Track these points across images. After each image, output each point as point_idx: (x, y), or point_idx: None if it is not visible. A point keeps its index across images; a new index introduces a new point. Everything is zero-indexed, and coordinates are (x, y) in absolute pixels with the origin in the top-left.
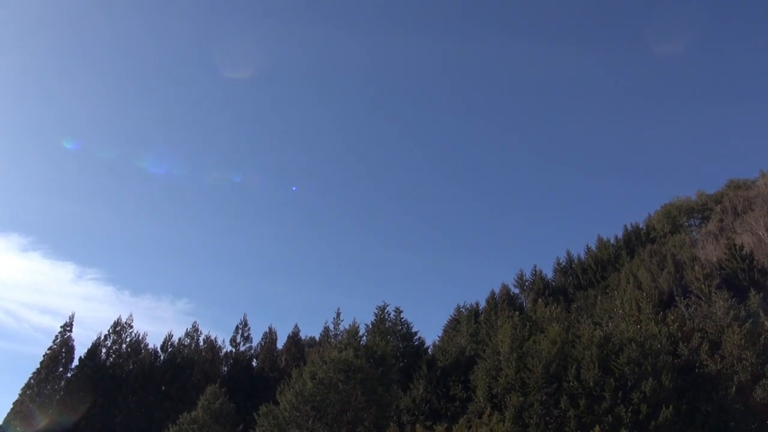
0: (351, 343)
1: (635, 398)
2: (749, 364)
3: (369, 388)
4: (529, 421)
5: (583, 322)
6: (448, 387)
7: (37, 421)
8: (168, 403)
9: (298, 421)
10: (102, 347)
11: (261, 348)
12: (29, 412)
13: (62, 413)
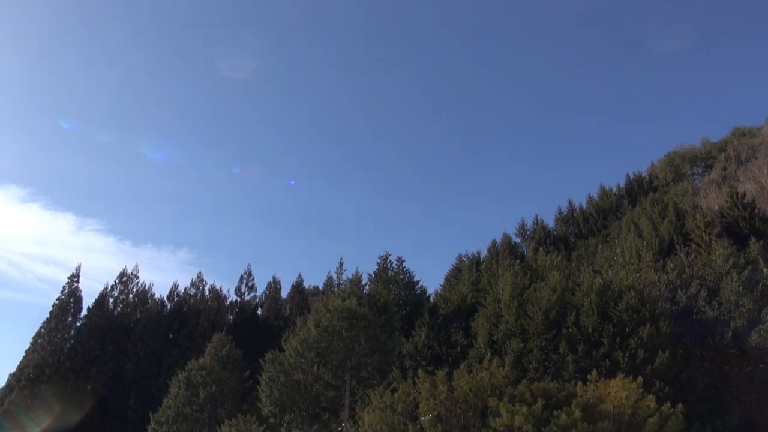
0: (354, 291)
1: (632, 344)
2: (746, 310)
3: (372, 335)
4: (528, 366)
5: (583, 270)
6: (449, 334)
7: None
8: (176, 351)
9: (303, 366)
10: (109, 297)
11: (265, 297)
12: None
13: (73, 360)
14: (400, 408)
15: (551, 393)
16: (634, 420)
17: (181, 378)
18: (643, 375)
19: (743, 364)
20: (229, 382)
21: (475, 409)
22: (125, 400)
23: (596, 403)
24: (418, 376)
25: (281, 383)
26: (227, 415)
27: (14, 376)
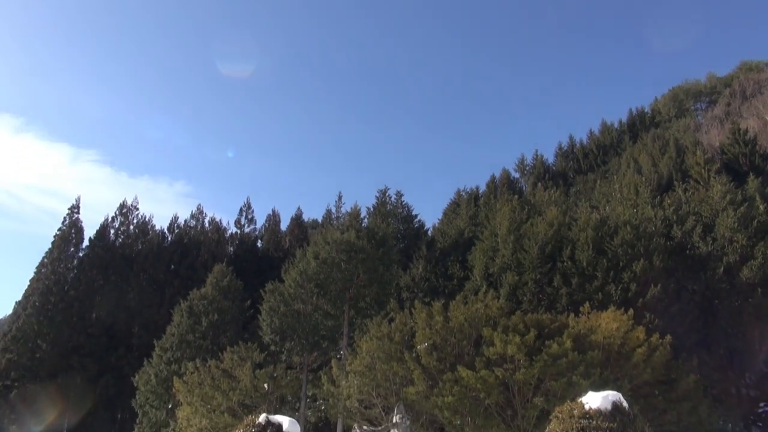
0: (353, 224)
1: (626, 277)
2: (739, 246)
3: (370, 268)
4: (522, 298)
5: (580, 205)
6: (446, 267)
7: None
8: (178, 281)
9: (302, 297)
10: (110, 229)
11: (265, 230)
12: (46, 289)
13: (77, 290)
14: (396, 337)
15: (544, 324)
16: (623, 350)
17: (184, 307)
18: (635, 308)
19: (733, 299)
20: (231, 311)
21: (470, 338)
22: (130, 328)
23: (587, 334)
24: (415, 307)
25: (281, 313)
26: (229, 342)
27: (20, 304)
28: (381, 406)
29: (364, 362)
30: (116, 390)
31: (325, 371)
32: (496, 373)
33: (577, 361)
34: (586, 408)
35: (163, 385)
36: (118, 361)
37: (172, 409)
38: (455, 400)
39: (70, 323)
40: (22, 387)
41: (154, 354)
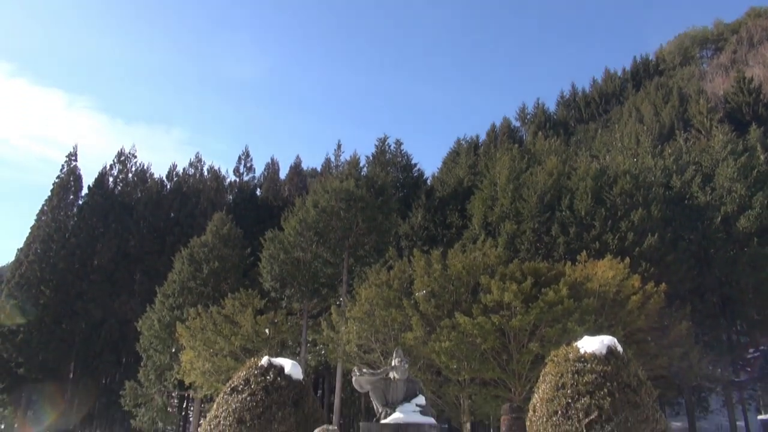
0: (352, 173)
1: (623, 227)
2: (738, 196)
3: (369, 216)
4: (520, 247)
5: (581, 155)
6: (445, 215)
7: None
8: (178, 229)
9: (302, 245)
10: (109, 177)
11: (264, 178)
12: (47, 236)
13: (78, 237)
14: (395, 284)
15: (541, 272)
16: (618, 298)
17: (185, 254)
18: (631, 257)
19: (728, 248)
20: (231, 259)
21: (467, 286)
22: (131, 275)
23: (583, 282)
24: (414, 255)
25: (281, 260)
26: (230, 289)
27: (22, 252)
28: (380, 351)
29: (363, 309)
30: (120, 334)
31: (324, 317)
32: (493, 320)
33: (572, 308)
34: (581, 352)
35: (166, 330)
36: (121, 307)
37: (175, 353)
38: (452, 345)
39: (73, 270)
40: (28, 332)
41: (157, 300)
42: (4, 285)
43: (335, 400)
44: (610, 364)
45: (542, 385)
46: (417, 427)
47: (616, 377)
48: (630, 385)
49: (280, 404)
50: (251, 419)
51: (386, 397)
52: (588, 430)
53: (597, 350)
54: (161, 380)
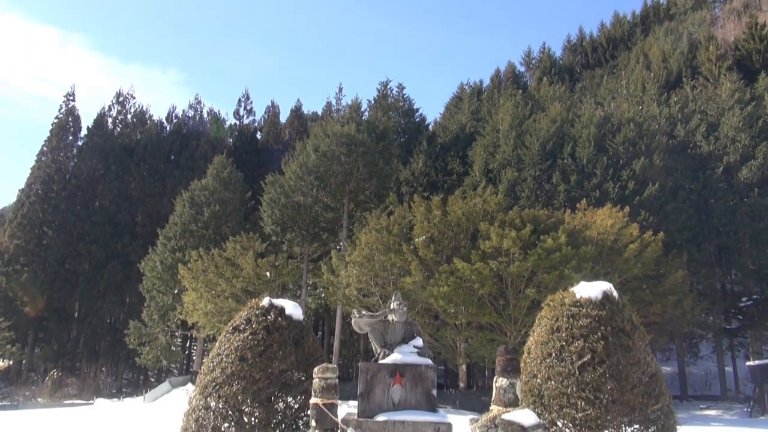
0: (353, 117)
1: (625, 175)
2: (741, 145)
3: (370, 161)
4: (520, 194)
5: (585, 102)
6: (446, 162)
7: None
8: (178, 172)
9: (302, 189)
10: (107, 117)
11: (264, 121)
12: (47, 177)
13: (79, 178)
14: (395, 230)
15: (540, 219)
16: (616, 246)
17: (185, 197)
18: (631, 205)
19: (728, 198)
20: (232, 202)
21: (467, 232)
22: (133, 217)
23: (582, 230)
24: (414, 201)
25: (282, 204)
26: (231, 232)
27: (23, 192)
28: (379, 295)
29: (363, 253)
30: (123, 275)
31: (325, 261)
32: (491, 266)
33: (570, 255)
34: (577, 297)
35: (169, 272)
36: (123, 249)
37: (178, 294)
38: (450, 290)
39: (74, 211)
40: (32, 272)
41: (159, 242)
42: (6, 225)
43: (335, 342)
44: (605, 309)
45: (537, 328)
46: (414, 367)
47: (611, 322)
48: (623, 330)
49: (280, 343)
50: (252, 357)
51: (385, 338)
52: (581, 371)
53: (593, 295)
54: (164, 320)
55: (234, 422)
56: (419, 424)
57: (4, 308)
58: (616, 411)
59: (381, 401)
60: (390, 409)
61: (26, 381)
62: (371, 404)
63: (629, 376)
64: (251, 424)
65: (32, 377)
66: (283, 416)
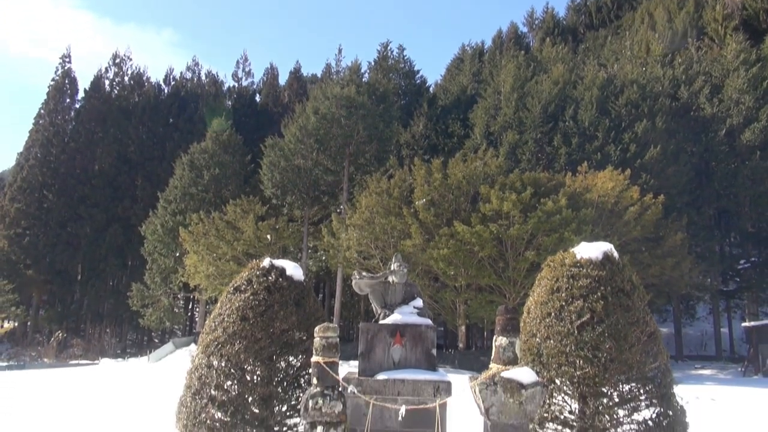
0: (353, 79)
1: (626, 138)
2: (745, 108)
3: (370, 124)
4: (521, 157)
5: (588, 63)
6: (447, 124)
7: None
8: (177, 135)
9: (302, 152)
10: (104, 80)
11: (263, 84)
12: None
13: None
14: (395, 193)
15: (541, 182)
16: (616, 209)
17: (185, 161)
18: (632, 168)
19: (730, 161)
20: (232, 166)
21: (467, 195)
22: (133, 181)
23: (582, 193)
24: (414, 164)
25: (282, 167)
26: (231, 195)
27: (22, 156)
28: (379, 258)
29: (364, 216)
30: (125, 239)
31: (325, 224)
32: (491, 229)
33: (570, 218)
34: (578, 257)
35: (170, 235)
36: (124, 212)
37: (179, 257)
38: (450, 252)
39: (74, 175)
40: (34, 235)
41: (159, 206)
42: (6, 189)
43: (335, 304)
44: (605, 269)
45: (537, 288)
46: (414, 327)
47: (610, 282)
48: (623, 290)
49: (281, 303)
50: (254, 317)
51: (385, 299)
52: (579, 331)
53: (593, 256)
54: (167, 283)
55: (237, 380)
56: (419, 382)
57: (8, 271)
58: (614, 369)
59: (381, 360)
60: (390, 368)
61: (32, 342)
62: (372, 363)
63: (628, 335)
64: (254, 381)
65: (37, 338)
66: (285, 374)
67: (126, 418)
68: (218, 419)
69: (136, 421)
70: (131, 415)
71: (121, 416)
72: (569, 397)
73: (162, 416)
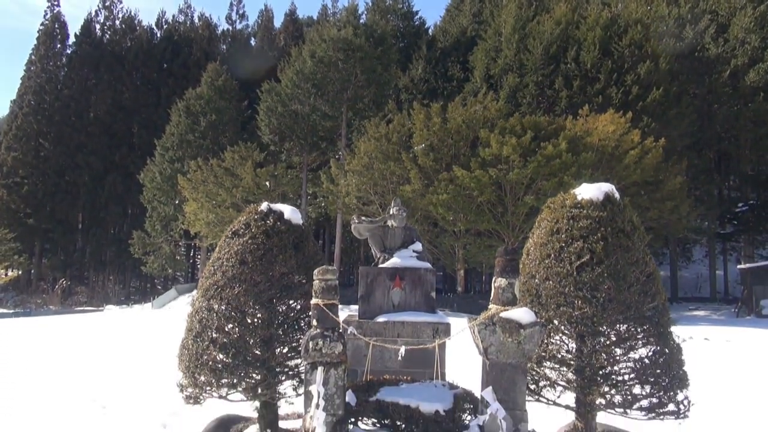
0: (350, 21)
1: (629, 80)
2: (750, 48)
3: (368, 67)
4: (522, 101)
5: (592, 2)
6: (446, 67)
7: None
8: (172, 80)
9: (299, 97)
10: (95, 23)
11: (258, 27)
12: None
13: (71, 88)
14: (394, 138)
15: (541, 126)
16: (617, 152)
17: (181, 107)
18: (634, 111)
19: (733, 103)
20: (228, 111)
21: (466, 139)
22: (129, 128)
23: (583, 136)
24: (413, 109)
25: (279, 113)
26: (229, 142)
27: (16, 104)
28: (378, 203)
29: (362, 162)
30: (124, 187)
31: (324, 171)
32: (490, 173)
33: (570, 162)
34: (579, 198)
35: (169, 183)
36: (122, 160)
37: (179, 205)
38: (449, 197)
39: (69, 122)
40: (33, 184)
41: (156, 153)
42: (2, 137)
43: (336, 250)
44: (605, 210)
45: (537, 230)
46: (413, 270)
47: (611, 222)
48: (623, 230)
49: (280, 247)
50: (253, 261)
51: (384, 243)
52: (578, 271)
53: (594, 197)
54: (167, 230)
55: (237, 322)
56: (418, 323)
57: (9, 220)
58: (612, 309)
59: (381, 303)
60: (390, 310)
61: (36, 290)
62: (372, 306)
63: (627, 276)
64: (254, 324)
65: (42, 286)
66: (285, 317)
67: (132, 361)
68: (220, 360)
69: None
70: (137, 358)
71: (128, 359)
72: (567, 336)
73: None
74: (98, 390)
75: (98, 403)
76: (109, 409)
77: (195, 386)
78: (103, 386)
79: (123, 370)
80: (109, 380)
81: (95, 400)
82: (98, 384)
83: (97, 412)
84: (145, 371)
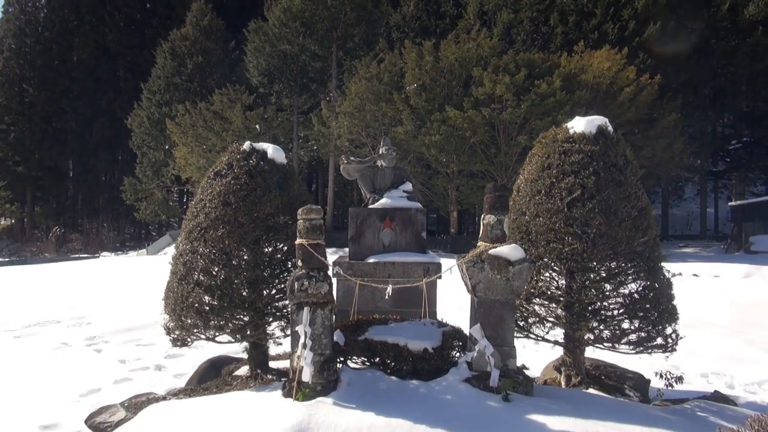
0: None
1: (626, 15)
2: None
3: (358, 4)
4: (516, 38)
5: None
6: (438, 4)
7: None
8: (156, 21)
9: (288, 37)
10: None
11: None
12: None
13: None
14: (386, 78)
15: (535, 63)
16: (611, 90)
17: (166, 49)
18: (630, 47)
19: (731, 38)
20: (215, 53)
21: (459, 79)
22: (114, 71)
23: (578, 74)
24: (405, 47)
25: (267, 53)
26: (217, 85)
27: None
28: (370, 146)
29: (354, 103)
30: (113, 132)
31: (315, 113)
32: (483, 113)
33: (564, 100)
34: (571, 132)
35: (157, 127)
36: (109, 105)
37: (169, 150)
38: (442, 138)
39: (52, 66)
40: (19, 131)
41: (143, 97)
42: None
43: (329, 193)
44: (598, 144)
45: (528, 166)
46: (404, 211)
47: (603, 157)
48: (616, 165)
49: (264, 187)
50: (236, 201)
51: (374, 183)
52: (569, 207)
53: (587, 130)
54: (158, 176)
55: (222, 265)
56: (409, 264)
57: None
58: (603, 245)
59: (371, 244)
60: (380, 251)
61: (31, 238)
62: (362, 247)
63: (618, 211)
64: (240, 266)
65: (36, 234)
66: (271, 259)
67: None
68: (207, 302)
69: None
70: (131, 302)
71: (122, 304)
72: (557, 273)
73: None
74: (95, 333)
75: (93, 347)
76: (105, 352)
77: (182, 329)
78: (100, 330)
79: (117, 314)
80: (105, 324)
81: (91, 343)
82: (95, 328)
83: (92, 356)
84: (139, 314)
